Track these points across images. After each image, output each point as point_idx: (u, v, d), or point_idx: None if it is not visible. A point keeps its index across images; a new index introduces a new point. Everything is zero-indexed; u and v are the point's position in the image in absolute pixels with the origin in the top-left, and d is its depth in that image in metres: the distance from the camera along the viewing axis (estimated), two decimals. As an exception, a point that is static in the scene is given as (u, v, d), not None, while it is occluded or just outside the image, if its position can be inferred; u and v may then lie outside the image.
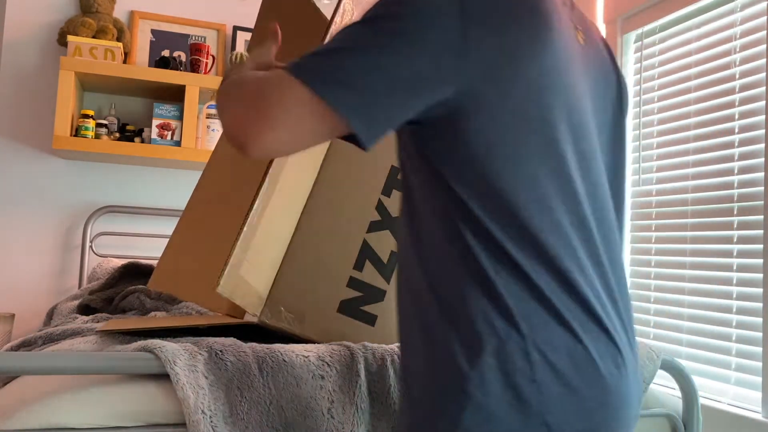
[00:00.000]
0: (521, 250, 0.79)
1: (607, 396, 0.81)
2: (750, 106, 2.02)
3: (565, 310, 0.80)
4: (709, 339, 2.10)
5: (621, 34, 2.60)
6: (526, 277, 0.78)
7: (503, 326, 0.77)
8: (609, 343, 0.83)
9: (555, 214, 0.81)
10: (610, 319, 0.84)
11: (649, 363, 1.29)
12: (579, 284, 0.81)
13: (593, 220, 0.86)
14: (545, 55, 0.80)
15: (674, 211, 2.29)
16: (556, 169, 0.81)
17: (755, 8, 2.03)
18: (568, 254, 0.81)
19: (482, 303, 0.78)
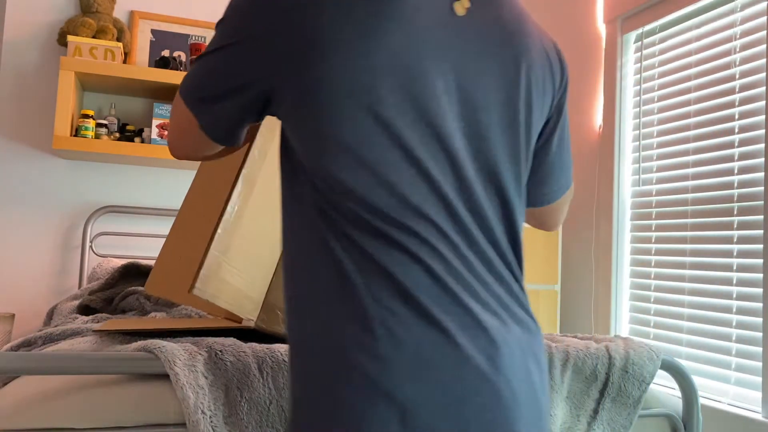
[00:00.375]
0: (367, 232, 0.78)
1: (482, 383, 0.77)
2: (750, 106, 2.02)
3: (418, 291, 0.77)
4: (709, 339, 2.10)
5: (621, 34, 2.60)
6: (371, 257, 0.77)
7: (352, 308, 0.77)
8: (476, 326, 0.79)
9: (403, 197, 0.78)
10: (479, 300, 0.80)
11: (649, 363, 1.29)
12: (434, 266, 0.78)
13: (460, 202, 0.82)
14: (369, 37, 0.78)
15: (674, 211, 2.29)
16: (392, 152, 0.79)
17: (755, 8, 2.03)
18: (420, 235, 0.79)
19: (333, 285, 0.78)
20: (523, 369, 0.81)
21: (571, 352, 1.26)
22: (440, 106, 0.81)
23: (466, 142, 0.84)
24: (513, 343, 0.81)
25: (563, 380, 1.24)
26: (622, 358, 1.28)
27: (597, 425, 1.25)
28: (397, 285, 0.77)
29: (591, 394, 1.26)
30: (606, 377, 1.26)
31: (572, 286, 2.82)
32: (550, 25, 3.14)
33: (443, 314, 0.77)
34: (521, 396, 0.80)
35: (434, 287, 0.78)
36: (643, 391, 1.27)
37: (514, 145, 0.88)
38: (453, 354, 0.76)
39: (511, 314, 0.83)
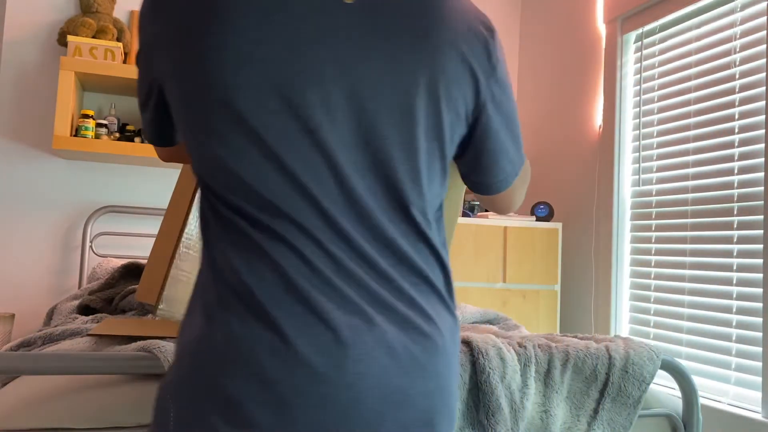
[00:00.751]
0: (228, 227, 0.79)
1: (316, 385, 0.74)
2: (750, 106, 2.02)
3: (259, 290, 0.76)
4: (709, 339, 2.10)
5: (621, 34, 2.60)
6: (225, 254, 0.78)
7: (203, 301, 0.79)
8: (320, 325, 0.75)
9: (258, 193, 0.77)
10: (337, 298, 0.76)
11: (649, 363, 1.29)
12: (283, 263, 0.77)
13: (332, 197, 0.79)
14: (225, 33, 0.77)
15: (674, 211, 2.29)
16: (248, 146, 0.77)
17: (755, 8, 2.03)
18: (276, 232, 0.77)
19: (201, 275, 0.81)
20: (385, 371, 0.76)
21: (571, 352, 1.26)
22: (310, 97, 0.78)
23: (349, 134, 0.79)
24: (374, 343, 0.76)
25: (563, 380, 1.24)
26: (622, 358, 1.28)
27: (597, 425, 1.25)
28: (241, 284, 0.76)
29: (591, 394, 1.26)
30: (606, 377, 1.26)
31: (572, 286, 2.82)
32: (550, 25, 3.14)
33: (281, 314, 0.75)
34: (372, 399, 0.75)
35: (277, 286, 0.76)
36: (643, 391, 1.27)
37: (409, 139, 0.82)
38: (284, 354, 0.73)
39: (387, 313, 0.78)
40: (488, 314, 1.83)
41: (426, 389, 0.79)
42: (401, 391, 0.77)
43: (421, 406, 0.79)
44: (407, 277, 0.82)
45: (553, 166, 3.02)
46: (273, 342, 0.74)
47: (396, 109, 0.81)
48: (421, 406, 0.79)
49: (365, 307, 0.78)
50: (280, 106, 0.77)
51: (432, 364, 0.80)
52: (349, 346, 0.75)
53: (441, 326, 0.82)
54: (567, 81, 2.97)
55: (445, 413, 0.81)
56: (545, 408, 1.22)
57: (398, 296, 0.80)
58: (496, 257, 2.65)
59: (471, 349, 1.21)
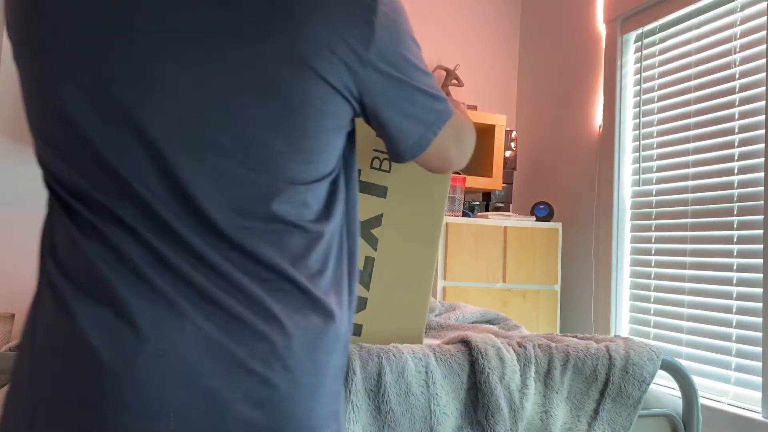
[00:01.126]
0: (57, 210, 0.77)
1: (105, 382, 0.68)
2: (750, 106, 2.02)
3: (66, 278, 0.73)
4: (709, 339, 2.10)
5: (621, 34, 2.60)
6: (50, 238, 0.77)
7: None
8: (119, 319, 0.69)
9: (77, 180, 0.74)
10: (146, 290, 0.71)
11: (649, 363, 1.29)
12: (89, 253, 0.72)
13: (149, 185, 0.72)
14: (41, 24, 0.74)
15: (674, 211, 2.29)
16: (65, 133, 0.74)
17: (755, 8, 2.03)
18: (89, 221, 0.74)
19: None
20: (193, 370, 0.69)
21: (571, 352, 1.26)
22: (129, 76, 0.71)
23: (175, 117, 0.72)
24: (182, 339, 0.70)
25: (563, 380, 1.24)
26: (623, 358, 1.28)
27: (597, 425, 1.25)
28: (53, 272, 0.73)
29: (591, 394, 1.26)
30: (606, 377, 1.26)
31: (572, 286, 2.82)
32: (550, 25, 3.14)
33: (81, 307, 0.71)
34: (173, 400, 0.69)
35: (80, 277, 0.72)
36: (643, 392, 1.27)
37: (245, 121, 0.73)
38: (78, 348, 0.69)
39: (210, 310, 0.71)
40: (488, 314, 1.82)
41: (253, 396, 0.71)
42: (216, 395, 0.69)
43: (246, 415, 0.70)
44: (252, 272, 0.74)
45: (553, 166, 3.02)
46: (71, 336, 0.70)
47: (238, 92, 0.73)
48: (247, 416, 0.70)
49: (179, 301, 0.71)
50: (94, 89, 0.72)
51: (264, 369, 0.72)
52: (148, 341, 0.69)
53: (289, 327, 0.74)
54: (567, 81, 2.96)
55: (287, 426, 0.72)
56: (545, 408, 1.22)
57: (233, 292, 0.73)
58: (496, 257, 2.64)
59: (470, 349, 1.21)
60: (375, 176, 1.28)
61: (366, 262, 1.27)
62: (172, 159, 0.72)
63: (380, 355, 1.14)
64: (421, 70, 0.87)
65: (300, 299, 0.77)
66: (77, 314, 0.70)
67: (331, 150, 0.80)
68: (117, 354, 0.68)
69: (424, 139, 0.89)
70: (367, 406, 1.12)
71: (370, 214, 1.28)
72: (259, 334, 0.72)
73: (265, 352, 0.72)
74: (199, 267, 0.73)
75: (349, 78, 0.78)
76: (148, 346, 0.69)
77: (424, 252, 1.31)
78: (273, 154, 0.74)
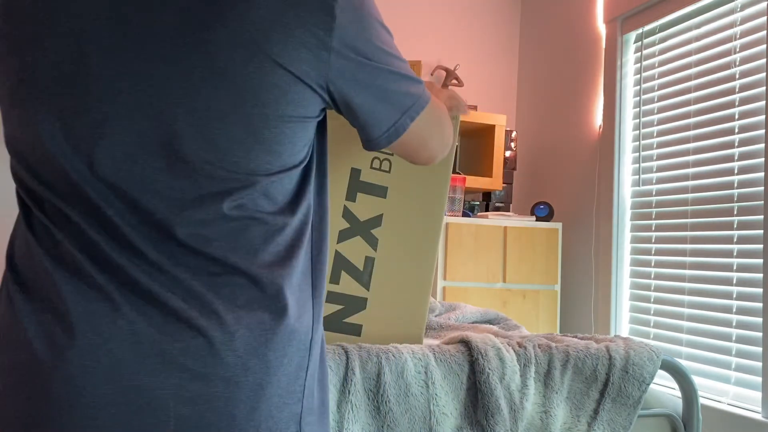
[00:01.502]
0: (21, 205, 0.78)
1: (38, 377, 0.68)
2: (750, 106, 2.02)
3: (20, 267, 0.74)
4: (709, 339, 2.09)
5: (621, 34, 2.60)
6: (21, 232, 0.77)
7: None
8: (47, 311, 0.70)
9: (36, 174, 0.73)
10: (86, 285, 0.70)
11: (649, 363, 1.29)
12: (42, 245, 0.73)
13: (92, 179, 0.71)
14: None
15: (674, 211, 2.29)
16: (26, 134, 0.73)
17: (755, 8, 2.03)
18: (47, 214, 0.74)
19: None
20: (119, 366, 0.68)
21: (571, 352, 1.26)
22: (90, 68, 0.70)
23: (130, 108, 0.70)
24: (113, 334, 0.68)
25: (563, 381, 1.24)
26: (623, 358, 1.28)
27: (597, 425, 1.25)
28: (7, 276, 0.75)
29: (591, 394, 1.26)
30: (606, 377, 1.26)
31: (572, 286, 2.82)
32: (550, 26, 3.14)
33: (24, 305, 0.71)
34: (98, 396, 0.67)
35: (29, 278, 0.72)
36: (643, 392, 1.27)
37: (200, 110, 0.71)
38: (19, 344, 0.70)
39: (144, 304, 0.70)
40: (488, 314, 1.82)
41: (185, 394, 0.69)
42: (144, 391, 0.68)
43: (178, 412, 0.68)
44: (196, 267, 0.72)
45: (553, 166, 3.02)
46: (10, 329, 0.71)
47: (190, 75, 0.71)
48: (179, 413, 0.68)
49: (115, 296, 0.70)
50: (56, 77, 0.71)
51: (198, 365, 0.69)
52: (79, 336, 0.68)
53: (230, 322, 0.71)
54: (567, 81, 2.96)
55: (223, 425, 0.70)
56: (545, 408, 1.22)
57: (171, 287, 0.71)
58: (496, 257, 2.64)
59: (470, 349, 1.21)
60: (375, 176, 1.28)
61: (366, 262, 1.27)
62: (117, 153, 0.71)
63: (379, 355, 1.14)
64: (392, 55, 0.82)
65: (250, 294, 0.74)
66: (20, 311, 0.71)
67: (297, 141, 0.76)
68: (49, 348, 0.68)
69: (400, 124, 0.85)
70: (367, 406, 1.12)
71: (370, 214, 1.28)
72: (196, 329, 0.70)
73: (201, 349, 0.70)
74: (139, 263, 0.71)
75: (312, 65, 0.74)
76: (78, 341, 0.68)
77: (424, 252, 1.31)
78: (231, 143, 0.71)
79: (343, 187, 1.27)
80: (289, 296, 0.76)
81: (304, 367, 0.77)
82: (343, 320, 1.27)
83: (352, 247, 1.27)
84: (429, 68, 3.21)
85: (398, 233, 1.29)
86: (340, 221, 1.27)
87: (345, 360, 1.13)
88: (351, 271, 1.27)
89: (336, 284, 1.26)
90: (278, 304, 0.75)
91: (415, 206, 1.30)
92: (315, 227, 0.84)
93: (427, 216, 1.30)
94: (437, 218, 1.31)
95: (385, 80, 0.81)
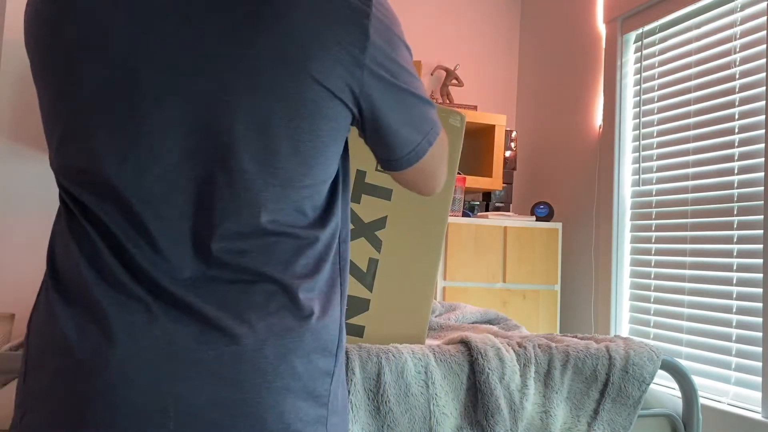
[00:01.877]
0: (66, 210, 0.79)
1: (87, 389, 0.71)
2: (750, 106, 2.02)
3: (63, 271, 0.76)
4: (709, 339, 2.09)
5: (621, 34, 2.60)
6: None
7: None
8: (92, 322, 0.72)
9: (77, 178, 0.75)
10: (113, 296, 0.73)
11: (649, 363, 1.29)
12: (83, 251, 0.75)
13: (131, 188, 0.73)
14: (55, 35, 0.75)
15: (674, 211, 2.29)
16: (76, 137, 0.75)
17: (755, 8, 2.03)
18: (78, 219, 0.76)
19: None
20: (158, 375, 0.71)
21: (571, 352, 1.26)
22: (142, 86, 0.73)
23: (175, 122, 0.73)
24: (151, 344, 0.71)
25: (563, 381, 1.24)
26: (623, 358, 1.28)
27: (597, 425, 1.25)
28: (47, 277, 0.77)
29: (591, 394, 1.26)
30: (606, 378, 1.26)
31: (572, 286, 2.82)
32: (550, 26, 3.14)
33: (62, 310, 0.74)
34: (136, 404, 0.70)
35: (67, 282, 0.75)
36: (643, 392, 1.27)
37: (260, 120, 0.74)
38: (60, 348, 0.73)
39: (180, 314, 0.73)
40: (488, 314, 1.82)
41: (219, 400, 0.71)
42: (179, 398, 0.70)
43: (211, 417, 0.71)
44: (230, 277, 0.75)
45: (553, 166, 3.02)
46: (57, 339, 0.73)
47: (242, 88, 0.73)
48: (212, 418, 0.71)
49: (152, 307, 0.73)
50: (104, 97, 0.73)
51: (232, 372, 0.72)
52: (118, 345, 0.71)
53: (261, 330, 0.74)
54: (567, 81, 2.96)
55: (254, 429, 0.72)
56: (545, 408, 1.22)
57: (206, 297, 0.74)
58: (496, 257, 2.64)
59: (469, 350, 1.21)
60: (380, 179, 1.28)
61: (369, 263, 1.27)
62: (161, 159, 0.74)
63: (380, 355, 1.14)
64: (415, 77, 0.86)
65: (281, 301, 0.76)
66: (59, 317, 0.74)
67: (329, 155, 0.79)
68: (91, 355, 0.71)
69: (420, 148, 0.87)
70: (366, 406, 1.12)
71: (375, 216, 1.28)
72: (229, 338, 0.73)
73: (235, 356, 0.72)
74: (174, 275, 0.74)
75: (346, 81, 0.77)
76: (118, 349, 0.71)
77: (428, 255, 1.31)
78: (270, 155, 0.74)
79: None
80: (316, 304, 0.79)
81: (330, 371, 0.80)
82: (346, 321, 1.27)
83: (355, 248, 1.27)
84: (429, 68, 3.21)
85: (402, 235, 1.29)
86: None
87: (345, 359, 1.13)
88: (354, 273, 1.27)
89: None
90: (305, 312, 0.78)
91: (419, 209, 1.30)
92: (342, 239, 0.87)
93: (430, 218, 1.31)
94: (441, 221, 1.31)
95: (410, 101, 0.84)
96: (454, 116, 1.31)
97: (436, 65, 3.17)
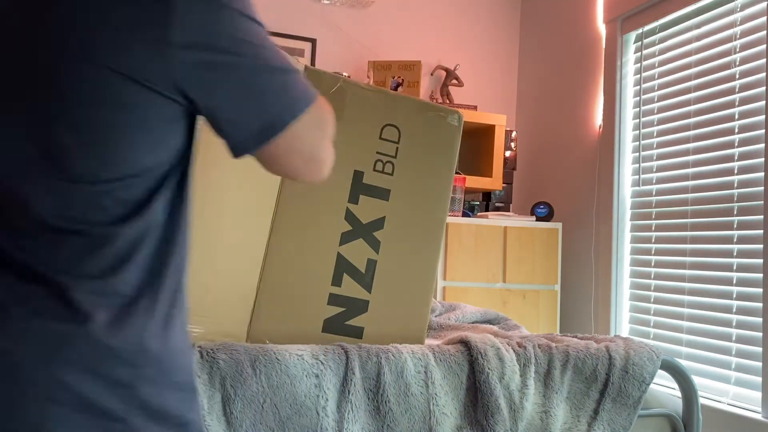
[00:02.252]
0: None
1: None
2: (750, 106, 2.02)
3: None
4: (709, 339, 2.09)
5: (621, 34, 2.60)
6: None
7: None
8: None
9: None
10: None
11: (649, 363, 1.28)
12: None
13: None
14: None
15: (674, 211, 2.29)
16: None
17: (755, 8, 2.03)
18: None
19: None
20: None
21: (571, 352, 1.26)
22: None
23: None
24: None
25: (563, 380, 1.24)
26: (623, 358, 1.27)
27: (597, 425, 1.24)
28: None
29: (591, 394, 1.26)
30: (606, 378, 1.26)
31: (572, 286, 2.82)
32: (550, 25, 3.13)
33: None
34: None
35: None
36: (643, 392, 1.26)
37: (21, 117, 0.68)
38: None
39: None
40: (488, 314, 1.82)
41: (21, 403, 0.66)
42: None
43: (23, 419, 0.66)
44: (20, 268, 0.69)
45: (553, 166, 3.01)
46: None
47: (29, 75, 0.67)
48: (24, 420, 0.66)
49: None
50: None
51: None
52: None
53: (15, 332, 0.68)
54: (567, 81, 2.96)
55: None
56: (545, 408, 1.22)
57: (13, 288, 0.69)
58: (496, 257, 2.64)
59: (469, 349, 1.21)
60: (378, 179, 1.28)
61: (368, 264, 1.27)
62: None
63: (379, 355, 1.14)
64: (258, 46, 0.72)
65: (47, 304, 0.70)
66: None
67: (135, 147, 0.70)
68: None
69: (272, 124, 0.74)
70: (366, 406, 1.12)
71: (373, 216, 1.28)
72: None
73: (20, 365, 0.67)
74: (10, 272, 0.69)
75: (146, 63, 0.67)
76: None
77: (427, 255, 1.30)
78: (57, 148, 0.68)
79: (346, 189, 1.26)
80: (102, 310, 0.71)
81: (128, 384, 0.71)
82: (345, 322, 1.27)
83: (354, 249, 1.27)
84: (429, 68, 3.21)
85: (400, 236, 1.28)
86: (342, 223, 1.26)
87: (345, 360, 1.13)
88: (353, 274, 1.27)
89: (338, 287, 1.26)
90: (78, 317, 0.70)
91: (417, 209, 1.29)
92: (171, 240, 0.77)
93: (429, 219, 1.30)
94: (439, 221, 1.31)
95: (248, 75, 0.72)
96: (451, 115, 1.31)
97: (436, 65, 3.17)
